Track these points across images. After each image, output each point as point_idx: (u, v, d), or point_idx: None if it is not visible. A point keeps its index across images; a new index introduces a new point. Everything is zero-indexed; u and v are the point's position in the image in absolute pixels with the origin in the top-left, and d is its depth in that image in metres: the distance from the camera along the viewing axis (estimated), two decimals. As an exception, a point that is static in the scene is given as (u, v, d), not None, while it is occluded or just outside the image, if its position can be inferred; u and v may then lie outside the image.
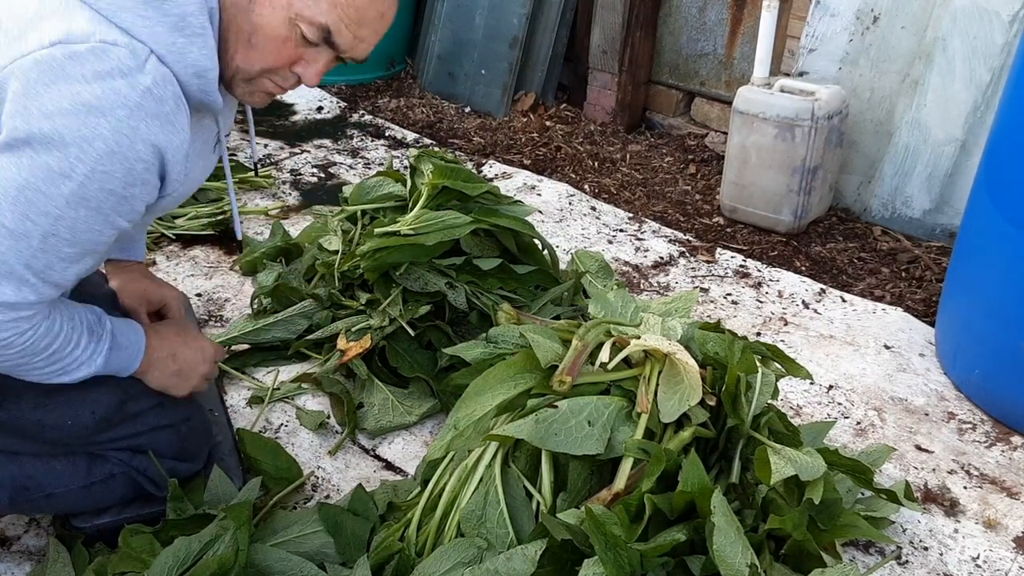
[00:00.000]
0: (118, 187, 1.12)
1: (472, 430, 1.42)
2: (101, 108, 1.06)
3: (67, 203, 1.09)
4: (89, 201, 1.11)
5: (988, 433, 2.05)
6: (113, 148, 1.08)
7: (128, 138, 1.09)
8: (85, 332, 1.29)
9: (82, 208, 1.11)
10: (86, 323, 1.30)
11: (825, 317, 2.50)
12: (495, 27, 3.89)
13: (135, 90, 1.08)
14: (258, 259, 2.43)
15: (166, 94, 1.12)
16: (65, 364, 1.27)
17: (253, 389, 2.01)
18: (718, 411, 1.51)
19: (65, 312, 1.27)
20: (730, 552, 1.25)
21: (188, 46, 1.14)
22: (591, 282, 2.36)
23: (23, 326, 1.17)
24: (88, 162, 1.07)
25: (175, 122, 1.15)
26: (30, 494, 1.44)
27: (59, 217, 1.10)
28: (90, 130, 1.06)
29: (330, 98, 3.96)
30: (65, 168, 1.07)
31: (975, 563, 1.69)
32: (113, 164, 1.09)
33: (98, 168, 1.08)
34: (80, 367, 1.29)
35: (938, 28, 2.75)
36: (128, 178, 1.12)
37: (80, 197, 1.10)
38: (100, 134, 1.07)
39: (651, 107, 3.98)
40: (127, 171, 1.11)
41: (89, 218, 1.13)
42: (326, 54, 1.24)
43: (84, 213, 1.12)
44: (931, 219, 2.95)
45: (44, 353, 1.23)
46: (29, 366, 1.23)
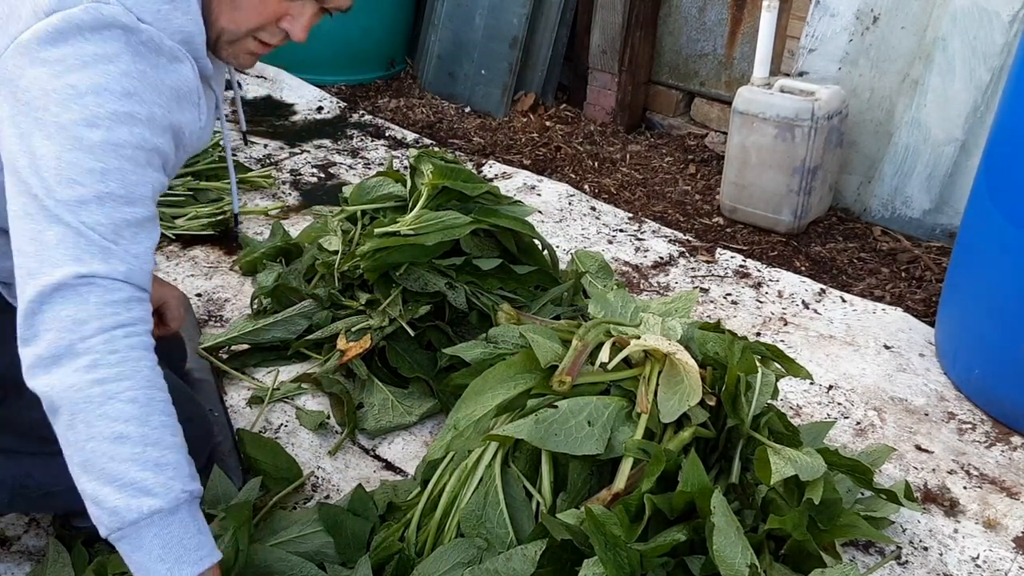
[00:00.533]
0: (146, 133, 1.11)
1: (472, 430, 1.42)
2: (107, 55, 1.07)
3: (104, 151, 1.07)
4: (123, 148, 1.09)
5: (988, 433, 2.05)
6: (128, 89, 1.08)
7: (139, 80, 1.09)
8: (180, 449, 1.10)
9: (119, 157, 1.08)
10: (184, 447, 1.12)
11: (825, 317, 2.50)
12: (495, 27, 3.89)
13: (133, 39, 1.09)
14: (258, 259, 2.43)
15: (163, 46, 1.13)
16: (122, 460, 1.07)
17: (253, 389, 2.01)
18: (718, 411, 1.51)
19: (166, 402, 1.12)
20: (730, 552, 1.25)
21: (172, 12, 1.14)
22: (591, 282, 2.37)
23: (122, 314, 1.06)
24: (108, 106, 1.07)
25: (178, 71, 1.15)
26: (29, 492, 1.44)
27: (104, 171, 1.07)
28: (101, 76, 1.06)
29: (330, 98, 3.96)
30: (89, 117, 1.06)
31: (975, 563, 1.69)
32: (132, 105, 1.09)
33: (120, 110, 1.08)
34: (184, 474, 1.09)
35: (938, 28, 2.75)
36: (151, 124, 1.11)
37: (113, 144, 1.08)
38: (112, 77, 1.07)
39: (651, 107, 3.98)
40: (148, 115, 1.11)
41: (134, 170, 1.10)
42: (311, 6, 1.24)
43: (126, 164, 1.09)
44: (931, 219, 2.95)
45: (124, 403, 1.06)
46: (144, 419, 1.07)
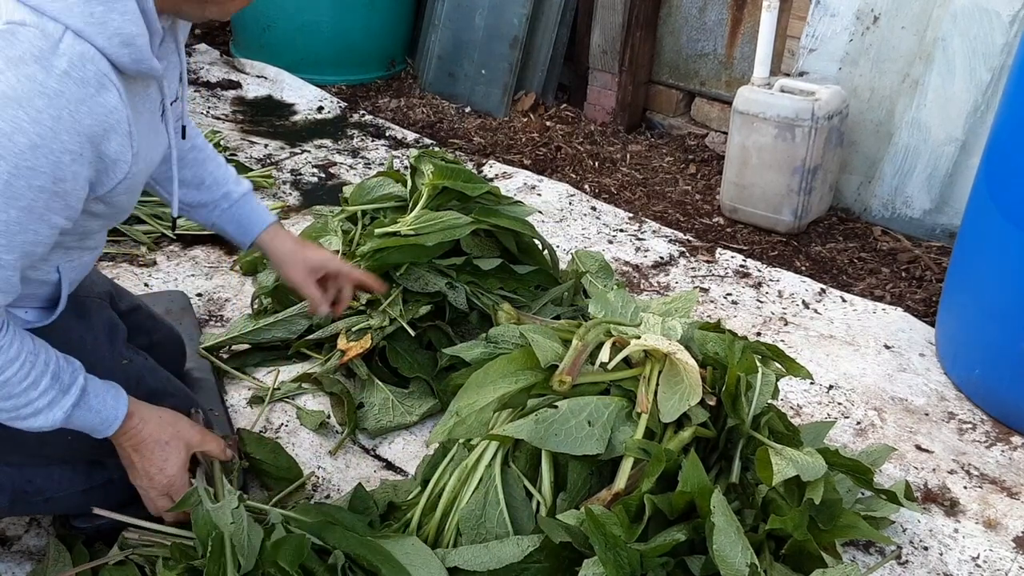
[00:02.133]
0: (47, 183, 1.05)
1: (475, 419, 1.42)
2: (18, 98, 0.99)
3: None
4: (19, 200, 1.03)
5: (988, 433, 2.05)
6: (36, 141, 1.01)
7: (50, 129, 1.01)
8: (48, 376, 1.20)
9: (12, 208, 1.04)
10: (52, 368, 1.21)
11: (825, 317, 2.50)
12: (495, 27, 3.89)
13: (51, 75, 1.00)
14: (258, 259, 2.43)
15: (87, 75, 1.04)
16: (18, 404, 1.18)
17: (253, 389, 2.01)
18: (718, 411, 1.51)
19: (30, 345, 1.19)
20: (730, 552, 1.25)
21: (107, 13, 1.04)
22: (591, 282, 2.37)
23: None
24: (11, 159, 1.00)
25: (103, 103, 1.07)
26: (29, 498, 1.44)
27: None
28: (8, 123, 0.99)
29: (330, 98, 3.96)
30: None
31: (975, 563, 1.69)
32: (38, 159, 1.02)
33: (22, 164, 1.01)
34: (36, 415, 1.20)
35: (938, 28, 2.75)
36: (56, 172, 1.05)
37: (8, 196, 1.02)
38: (20, 127, 0.99)
39: (651, 107, 3.98)
40: (54, 164, 1.04)
41: (22, 219, 1.05)
42: None
43: (16, 214, 1.04)
44: (931, 219, 2.95)
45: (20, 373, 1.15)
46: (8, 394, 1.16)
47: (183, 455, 1.40)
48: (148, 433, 1.36)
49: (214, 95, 3.90)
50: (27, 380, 1.18)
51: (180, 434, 1.41)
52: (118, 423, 1.31)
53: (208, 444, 1.46)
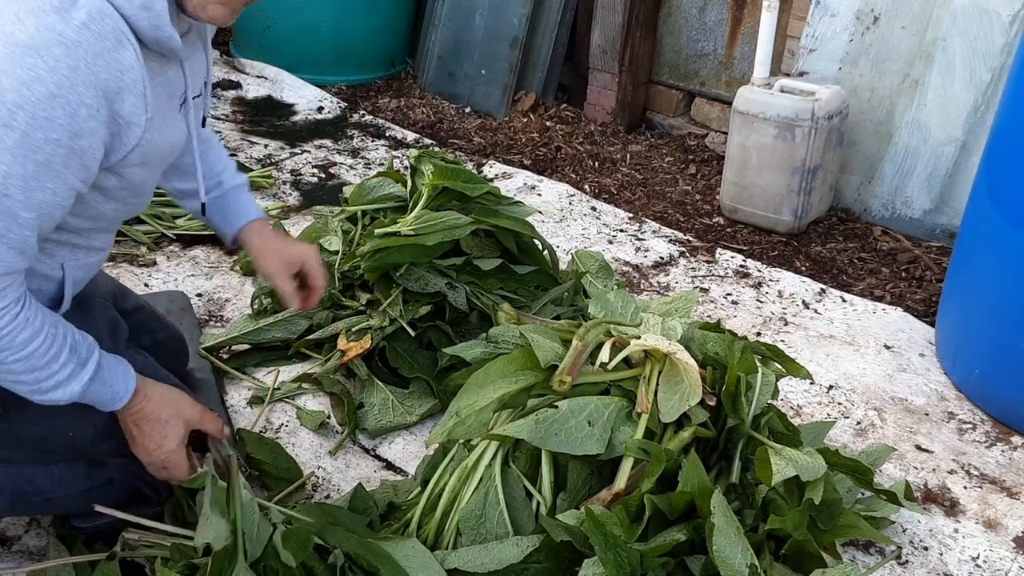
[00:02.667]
0: (64, 136, 1.05)
1: (474, 419, 1.42)
2: (36, 47, 1.00)
3: (12, 156, 1.03)
4: (36, 153, 1.04)
5: (988, 433, 2.05)
6: (53, 91, 1.01)
7: (67, 79, 1.02)
8: (67, 349, 1.22)
9: (29, 162, 1.04)
10: (71, 341, 1.23)
11: (825, 317, 2.50)
12: (495, 27, 3.89)
13: (70, 25, 1.01)
14: (258, 259, 2.43)
15: (104, 28, 1.05)
16: (40, 376, 1.20)
17: (253, 389, 2.01)
18: (718, 411, 1.51)
19: (51, 318, 1.21)
20: (730, 552, 1.25)
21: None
22: (591, 282, 2.37)
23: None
24: (28, 108, 1.01)
25: (119, 59, 1.07)
26: (29, 498, 1.44)
27: (7, 174, 1.03)
28: (27, 72, 1.00)
29: (330, 98, 3.96)
30: (5, 116, 1.00)
31: (975, 563, 1.69)
32: (55, 109, 1.03)
33: (39, 114, 1.02)
34: (56, 388, 1.22)
35: (938, 28, 2.75)
36: (73, 125, 1.05)
37: (25, 148, 1.03)
38: (38, 75, 1.00)
39: (651, 107, 3.98)
40: (71, 116, 1.04)
41: (39, 174, 1.06)
42: None
43: (33, 168, 1.05)
44: (931, 219, 2.95)
45: (22, 351, 1.16)
46: (5, 366, 1.17)
47: (181, 432, 1.42)
48: (151, 409, 1.38)
49: (214, 95, 3.90)
50: (49, 353, 1.19)
51: (180, 412, 1.43)
52: (127, 398, 1.33)
53: (206, 422, 1.48)
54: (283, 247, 1.64)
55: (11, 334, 1.14)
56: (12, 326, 1.14)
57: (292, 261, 1.63)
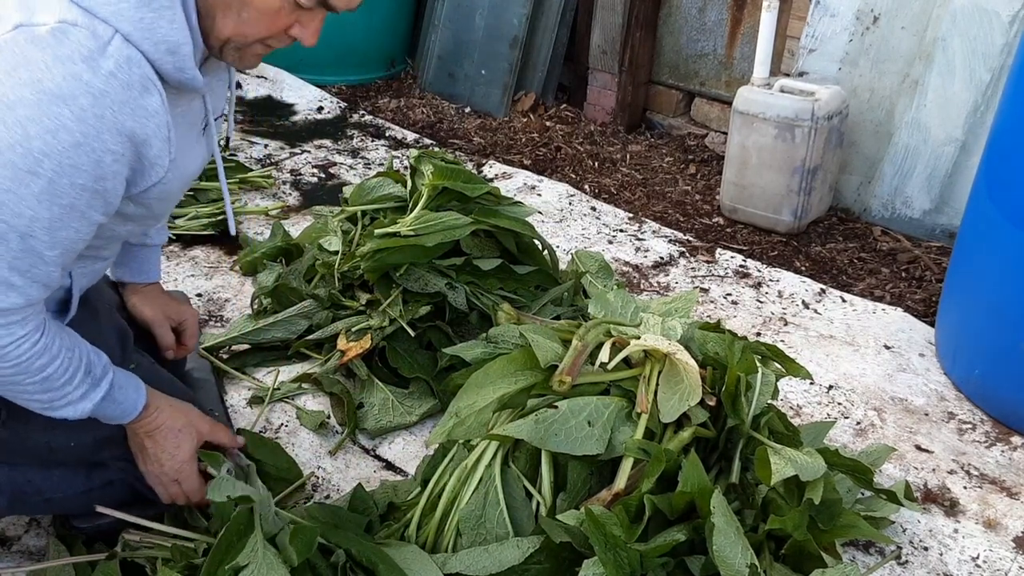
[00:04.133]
0: (88, 181, 1.07)
1: (474, 420, 1.42)
2: (63, 96, 1.01)
3: (38, 202, 1.05)
4: (61, 198, 1.06)
5: (988, 433, 2.05)
6: (79, 139, 1.03)
7: (94, 128, 1.04)
8: (82, 370, 1.24)
9: (55, 206, 1.06)
10: (86, 362, 1.25)
11: (825, 317, 2.50)
12: (495, 27, 3.89)
13: (97, 75, 1.03)
14: (258, 259, 2.43)
15: (132, 77, 1.06)
16: (54, 397, 1.22)
17: (253, 389, 2.01)
18: (718, 411, 1.51)
19: (67, 341, 1.23)
20: (730, 552, 1.25)
21: (156, 20, 1.08)
22: (591, 282, 2.37)
23: (17, 332, 1.13)
24: (55, 156, 1.03)
25: (145, 106, 1.09)
26: (29, 498, 1.44)
27: (33, 218, 1.05)
28: (53, 120, 1.01)
29: (330, 98, 3.96)
30: (31, 164, 1.02)
31: (975, 563, 1.69)
32: (80, 157, 1.05)
33: (65, 162, 1.04)
34: (67, 406, 1.25)
35: (938, 28, 2.75)
36: (98, 171, 1.07)
37: (51, 194, 1.05)
38: (64, 125, 1.02)
39: (651, 107, 3.98)
40: (96, 163, 1.06)
41: (64, 216, 1.08)
42: (320, 13, 1.19)
43: (58, 211, 1.07)
44: (931, 219, 2.95)
45: (39, 375, 1.18)
46: (21, 387, 1.19)
47: (193, 443, 1.43)
48: (162, 421, 1.40)
49: (214, 95, 3.90)
50: (65, 375, 1.22)
51: (192, 423, 1.44)
52: (135, 413, 1.35)
53: (217, 433, 1.49)
54: (167, 301, 1.69)
55: (29, 361, 1.17)
56: (31, 353, 1.16)
57: (172, 315, 1.68)
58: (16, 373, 1.17)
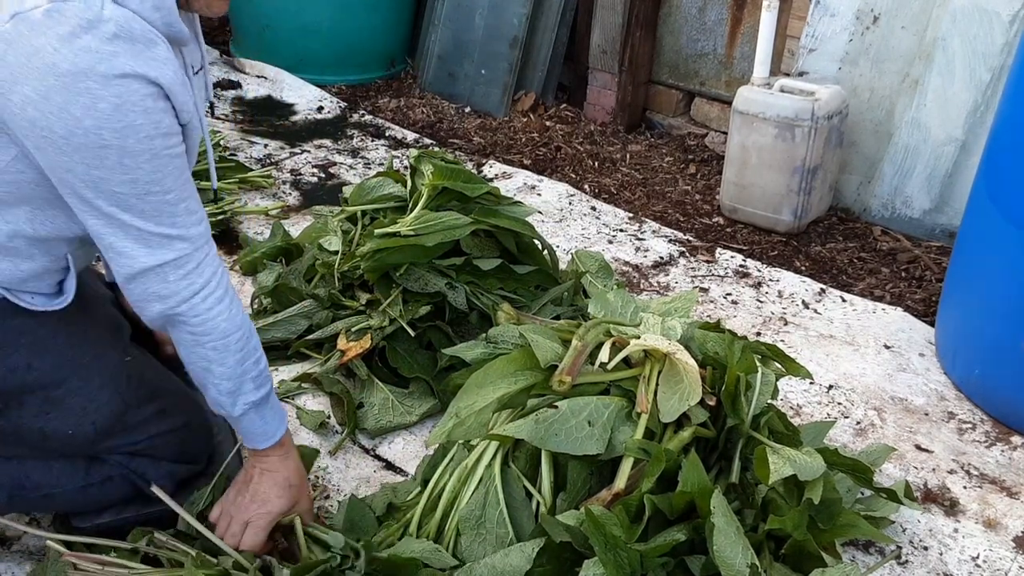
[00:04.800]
0: (150, 130, 1.13)
1: (474, 420, 1.42)
2: (83, 71, 1.05)
3: (124, 168, 1.12)
4: (140, 155, 1.12)
5: (988, 433, 2.05)
6: (116, 102, 1.08)
7: (121, 85, 1.08)
8: (263, 357, 1.36)
9: (142, 162, 1.13)
10: (260, 351, 1.36)
11: (825, 317, 2.50)
12: (495, 27, 3.89)
13: (103, 40, 1.07)
14: (258, 259, 2.43)
15: (134, 33, 1.10)
16: (243, 375, 1.32)
17: (253, 389, 2.01)
18: (718, 411, 1.51)
19: (249, 321, 1.33)
20: (730, 552, 1.25)
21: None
22: (591, 282, 2.37)
23: (196, 281, 1.22)
24: (108, 125, 1.08)
25: (155, 55, 1.13)
26: (27, 493, 1.44)
27: (134, 180, 1.13)
28: (85, 95, 1.06)
29: (330, 98, 3.96)
30: (95, 140, 1.08)
31: (975, 563, 1.69)
32: (127, 114, 1.10)
33: (118, 126, 1.09)
34: (247, 392, 1.34)
35: (938, 28, 2.75)
36: (150, 118, 1.12)
37: (131, 156, 1.12)
38: (96, 94, 1.07)
39: (651, 107, 3.98)
40: (144, 112, 1.11)
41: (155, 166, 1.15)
42: None
43: (147, 166, 1.14)
44: (931, 219, 2.95)
45: (236, 345, 1.29)
46: (221, 361, 1.29)
47: (289, 505, 1.44)
48: (285, 467, 1.44)
49: (214, 95, 3.90)
50: (257, 352, 1.36)
51: (301, 488, 1.47)
52: (275, 440, 1.41)
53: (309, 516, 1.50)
54: None
55: (229, 320, 1.29)
56: (218, 310, 1.27)
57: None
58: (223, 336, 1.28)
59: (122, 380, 1.42)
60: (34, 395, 1.33)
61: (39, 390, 1.34)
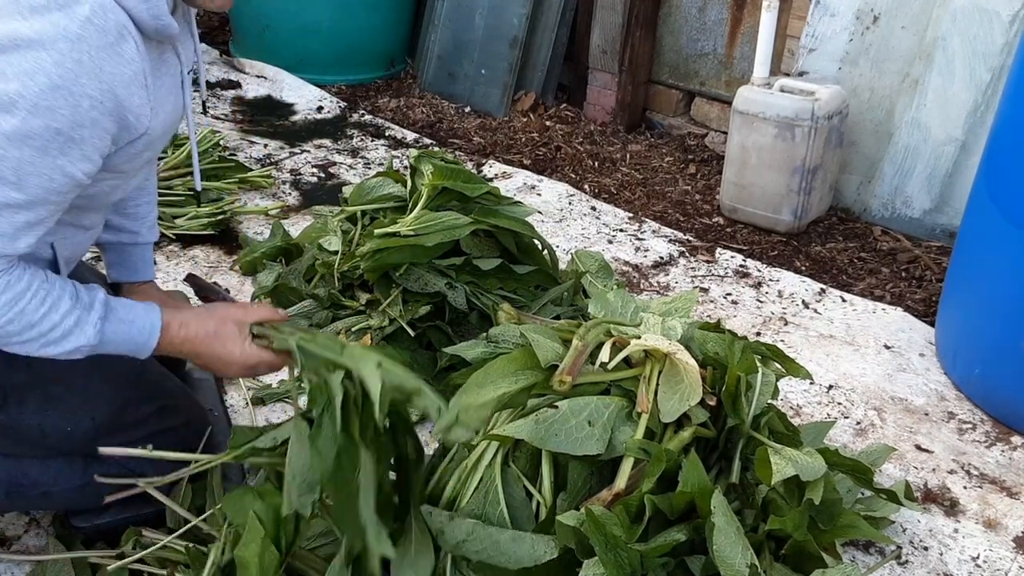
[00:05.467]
0: (64, 126, 1.07)
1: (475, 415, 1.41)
2: (41, 41, 1.02)
3: (9, 140, 1.04)
4: (33, 140, 1.05)
5: (988, 433, 2.05)
6: (56, 82, 1.04)
7: (71, 71, 1.04)
8: (67, 298, 1.20)
9: (26, 147, 1.05)
10: (70, 291, 1.22)
11: (825, 317, 2.50)
12: (495, 27, 3.89)
13: (74, 21, 1.04)
14: (258, 259, 2.43)
15: (107, 23, 1.07)
16: (43, 330, 1.18)
17: (253, 389, 2.01)
18: (718, 411, 1.51)
19: (39, 274, 1.19)
20: (730, 552, 1.25)
21: None
22: (591, 282, 2.36)
23: None
24: (30, 97, 1.03)
25: (121, 52, 1.10)
26: (25, 491, 1.44)
27: (1, 156, 1.05)
28: (31, 63, 1.02)
29: (330, 98, 3.96)
30: (6, 104, 1.02)
31: (975, 563, 1.69)
32: (57, 99, 1.04)
33: (41, 103, 1.04)
34: (67, 337, 1.20)
35: (938, 28, 2.75)
36: (75, 116, 1.07)
37: (23, 134, 1.04)
38: (42, 67, 1.03)
39: (651, 107, 3.98)
40: (73, 107, 1.06)
41: (35, 159, 1.07)
42: None
43: (29, 153, 1.06)
44: (931, 219, 2.95)
45: (8, 312, 1.14)
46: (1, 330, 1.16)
47: (237, 331, 1.37)
48: (194, 331, 1.35)
49: (214, 95, 3.90)
50: (44, 306, 1.18)
51: (226, 316, 1.39)
52: (157, 330, 1.30)
53: (257, 312, 1.43)
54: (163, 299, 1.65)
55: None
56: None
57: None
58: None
59: (122, 378, 1.42)
60: (34, 391, 1.33)
61: (39, 387, 1.34)
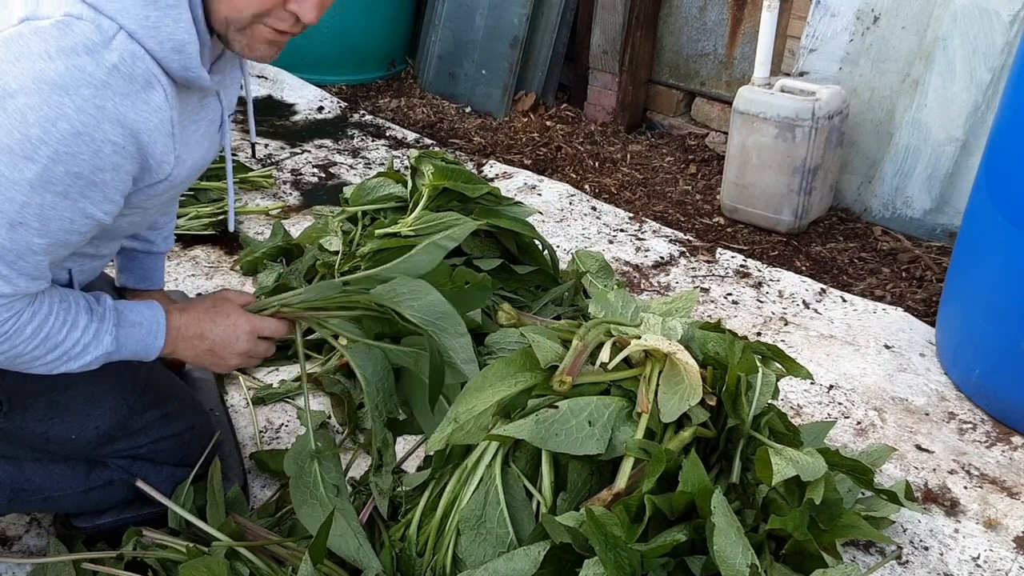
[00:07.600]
0: (85, 170, 1.06)
1: (473, 424, 1.42)
2: (65, 86, 1.01)
3: (31, 187, 1.04)
4: (55, 185, 1.05)
5: (988, 433, 2.05)
6: (78, 128, 1.03)
7: (94, 118, 1.04)
8: (83, 312, 1.22)
9: (47, 193, 1.05)
10: (83, 304, 1.24)
11: (825, 317, 2.50)
12: (495, 27, 3.89)
13: (100, 67, 1.03)
14: (258, 259, 2.43)
15: (135, 71, 1.06)
16: (67, 349, 1.21)
17: (253, 389, 2.01)
18: (718, 411, 1.51)
19: (55, 294, 1.21)
20: (730, 552, 1.25)
21: (162, 19, 1.07)
22: (591, 282, 2.36)
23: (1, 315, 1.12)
24: (51, 143, 1.02)
25: (148, 100, 1.09)
26: (28, 496, 1.44)
27: (24, 203, 1.04)
28: (53, 109, 1.01)
29: (331, 98, 3.96)
30: (28, 150, 1.01)
31: (975, 563, 1.69)
32: (79, 145, 1.04)
33: (62, 150, 1.03)
34: (87, 351, 1.23)
35: (938, 28, 2.75)
36: (96, 161, 1.06)
37: (44, 181, 1.04)
38: (64, 113, 1.01)
39: (651, 107, 3.98)
40: (94, 153, 1.05)
41: (57, 204, 1.07)
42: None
43: (51, 199, 1.06)
44: (931, 219, 2.95)
45: (35, 339, 1.16)
46: (25, 356, 1.17)
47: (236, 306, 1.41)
48: (192, 311, 1.37)
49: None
50: (66, 325, 1.20)
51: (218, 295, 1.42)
52: (163, 327, 1.32)
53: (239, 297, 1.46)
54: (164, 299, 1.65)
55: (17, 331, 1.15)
56: (17, 325, 1.14)
57: None
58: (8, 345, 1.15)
59: (127, 385, 1.42)
60: (39, 399, 1.33)
61: (44, 394, 1.34)
